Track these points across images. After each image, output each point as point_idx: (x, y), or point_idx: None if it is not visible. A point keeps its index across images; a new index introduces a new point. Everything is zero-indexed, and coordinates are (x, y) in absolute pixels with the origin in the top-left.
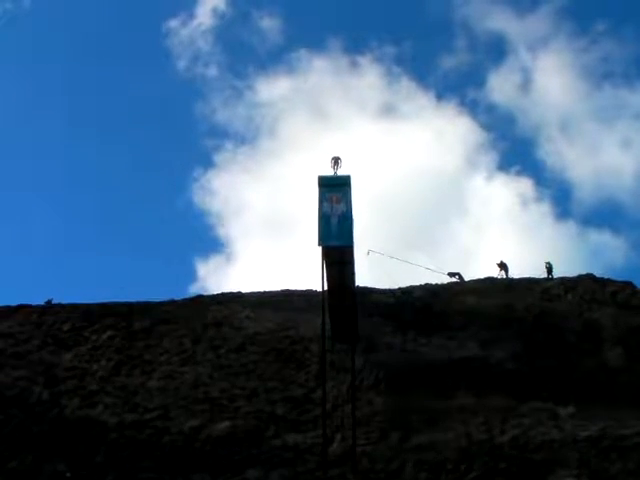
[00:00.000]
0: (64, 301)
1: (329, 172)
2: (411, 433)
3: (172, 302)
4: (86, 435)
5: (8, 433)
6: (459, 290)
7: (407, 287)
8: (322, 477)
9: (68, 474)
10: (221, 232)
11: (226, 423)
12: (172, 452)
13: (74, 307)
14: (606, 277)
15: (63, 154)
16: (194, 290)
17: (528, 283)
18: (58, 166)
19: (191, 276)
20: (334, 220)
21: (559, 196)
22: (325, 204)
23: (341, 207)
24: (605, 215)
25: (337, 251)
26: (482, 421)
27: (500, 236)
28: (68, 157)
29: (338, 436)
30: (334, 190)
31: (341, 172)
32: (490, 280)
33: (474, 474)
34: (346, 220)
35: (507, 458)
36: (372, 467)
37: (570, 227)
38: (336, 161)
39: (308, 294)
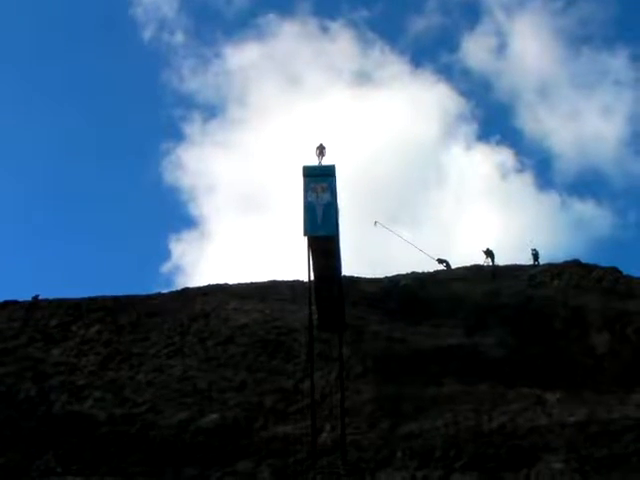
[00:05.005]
0: (51, 297)
1: (308, 150)
2: (400, 421)
3: (159, 295)
4: (75, 430)
5: None
6: (445, 277)
7: (393, 275)
8: (312, 467)
9: (59, 469)
10: (193, 209)
11: (215, 415)
12: (162, 445)
13: (61, 302)
14: (591, 260)
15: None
16: (168, 269)
17: (514, 270)
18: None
19: (164, 255)
20: (319, 210)
21: (540, 166)
22: (310, 194)
23: (326, 197)
24: (588, 185)
25: (323, 241)
26: (470, 408)
27: (481, 209)
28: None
29: (327, 426)
30: (319, 180)
31: (325, 157)
32: (477, 267)
33: (463, 461)
34: (331, 210)
35: (495, 444)
36: (361, 456)
37: (553, 198)
38: (321, 150)
39: (294, 284)
